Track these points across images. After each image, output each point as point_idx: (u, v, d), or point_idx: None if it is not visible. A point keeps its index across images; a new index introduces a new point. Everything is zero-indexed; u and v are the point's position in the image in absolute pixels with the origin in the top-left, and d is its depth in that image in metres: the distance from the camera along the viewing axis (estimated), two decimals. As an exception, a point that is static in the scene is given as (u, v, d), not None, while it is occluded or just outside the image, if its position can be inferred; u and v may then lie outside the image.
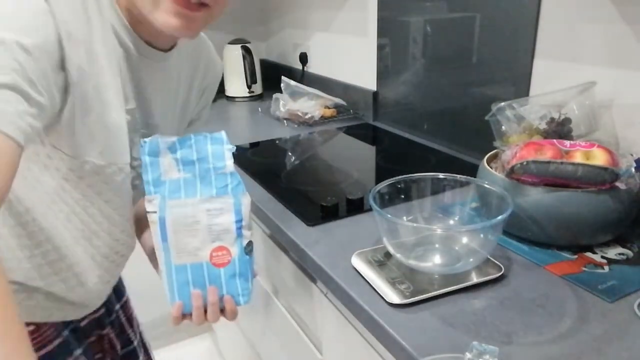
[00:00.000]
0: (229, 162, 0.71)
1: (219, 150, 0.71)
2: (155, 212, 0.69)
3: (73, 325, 0.82)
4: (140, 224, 0.86)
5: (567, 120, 0.95)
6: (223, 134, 0.72)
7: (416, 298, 0.72)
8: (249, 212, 0.73)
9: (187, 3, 0.61)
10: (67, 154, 0.65)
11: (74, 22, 0.60)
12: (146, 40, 0.70)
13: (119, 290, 0.98)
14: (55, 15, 0.58)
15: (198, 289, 0.72)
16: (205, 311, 0.73)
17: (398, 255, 0.80)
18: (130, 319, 1.00)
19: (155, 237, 0.70)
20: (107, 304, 0.92)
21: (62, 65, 0.60)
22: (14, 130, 0.51)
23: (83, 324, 0.85)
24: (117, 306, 0.96)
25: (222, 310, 0.74)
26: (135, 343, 1.00)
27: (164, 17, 0.62)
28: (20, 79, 0.53)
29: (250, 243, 0.73)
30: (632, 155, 0.85)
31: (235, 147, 0.73)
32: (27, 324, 0.74)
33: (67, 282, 0.76)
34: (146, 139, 0.69)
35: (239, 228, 0.72)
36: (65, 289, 0.76)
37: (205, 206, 0.70)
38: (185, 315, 0.73)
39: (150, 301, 1.95)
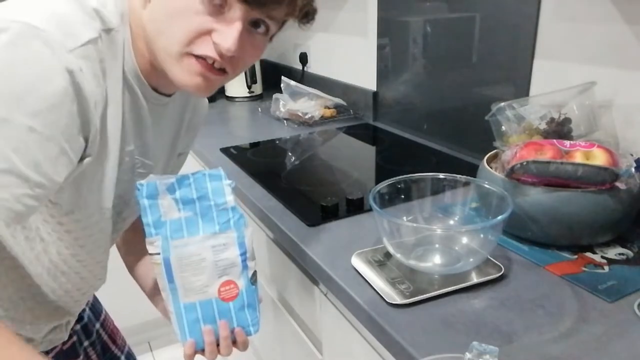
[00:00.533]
0: (230, 198, 0.71)
1: (219, 186, 0.71)
2: (158, 253, 0.68)
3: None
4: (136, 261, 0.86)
5: (567, 120, 0.95)
6: (221, 170, 0.71)
7: (416, 298, 0.72)
8: (252, 243, 0.73)
9: (210, 67, 0.63)
10: (52, 202, 0.65)
11: (96, 87, 0.59)
12: (153, 85, 0.69)
13: (95, 308, 0.96)
14: (81, 88, 0.56)
15: (209, 324, 0.72)
16: (218, 345, 0.73)
17: (398, 255, 0.80)
18: (112, 334, 0.98)
19: (160, 278, 0.69)
20: (85, 328, 0.90)
21: (86, 134, 0.59)
22: (6, 216, 0.53)
23: (51, 355, 0.82)
24: (97, 325, 0.94)
25: (234, 342, 0.74)
26: (123, 358, 0.98)
27: (185, 76, 0.63)
28: (20, 162, 0.52)
29: (254, 273, 0.74)
30: (632, 155, 0.85)
31: (234, 183, 0.72)
32: None
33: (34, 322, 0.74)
34: (142, 182, 0.67)
35: (244, 260, 0.72)
36: (31, 330, 0.75)
37: (210, 243, 0.70)
38: (197, 351, 0.73)
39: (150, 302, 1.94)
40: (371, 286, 0.76)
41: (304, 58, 2.09)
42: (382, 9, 1.59)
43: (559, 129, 0.94)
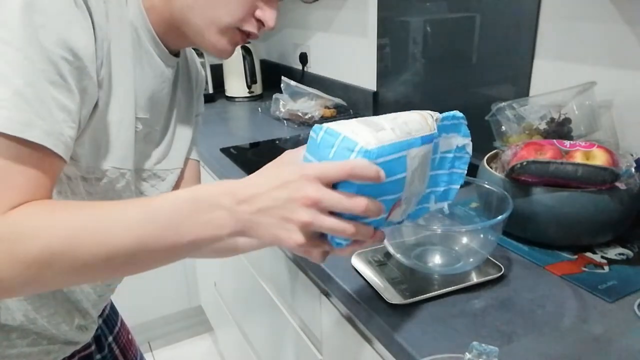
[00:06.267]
0: None
1: None
2: (431, 115, 0.58)
3: None
4: None
5: (567, 120, 0.95)
6: None
7: (416, 298, 0.72)
8: None
9: (245, 38, 0.68)
10: (72, 158, 0.61)
11: (100, 19, 0.57)
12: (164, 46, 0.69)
13: (110, 321, 0.93)
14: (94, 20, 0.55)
15: None
16: None
17: (398, 256, 0.80)
18: (125, 348, 0.94)
19: (413, 124, 0.54)
20: (98, 340, 0.88)
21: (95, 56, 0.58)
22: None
23: None
24: (110, 338, 0.92)
25: None
26: None
27: (223, 45, 0.66)
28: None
29: None
30: (632, 155, 0.85)
31: None
32: None
33: (54, 317, 0.71)
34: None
35: None
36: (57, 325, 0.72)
37: None
38: None
39: (151, 301, 1.95)
40: (371, 286, 0.76)
41: (304, 58, 2.09)
42: (382, 9, 1.59)
43: (559, 129, 0.94)
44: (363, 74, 1.75)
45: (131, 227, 0.49)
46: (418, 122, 0.55)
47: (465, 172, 0.64)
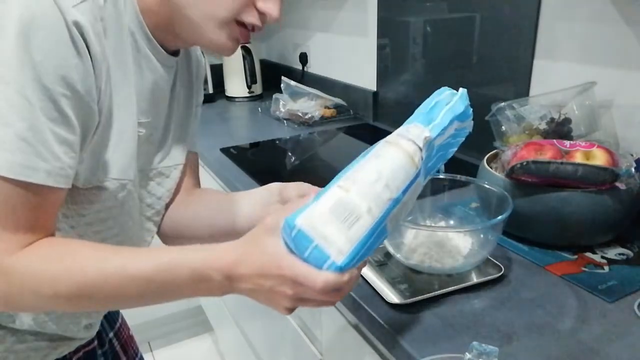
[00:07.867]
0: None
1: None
2: (420, 148, 0.59)
3: None
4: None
5: (567, 120, 0.95)
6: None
7: (416, 298, 0.72)
8: None
9: (248, 33, 0.66)
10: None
11: (99, 47, 0.56)
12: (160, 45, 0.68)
13: (111, 317, 0.94)
14: (87, 45, 0.55)
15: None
16: None
17: (398, 256, 0.80)
18: (125, 345, 0.95)
19: (396, 178, 0.56)
20: (99, 336, 0.88)
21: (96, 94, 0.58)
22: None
23: (74, 358, 0.80)
24: (111, 334, 0.92)
25: None
26: None
27: (222, 41, 0.64)
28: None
29: None
30: (632, 155, 0.85)
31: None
32: None
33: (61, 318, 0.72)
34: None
35: None
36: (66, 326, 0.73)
37: None
38: None
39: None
40: (371, 286, 0.76)
41: (304, 58, 2.09)
42: (382, 9, 1.59)
43: (559, 129, 0.94)
44: (363, 74, 1.75)
45: (132, 287, 0.55)
46: (403, 168, 0.56)
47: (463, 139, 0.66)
